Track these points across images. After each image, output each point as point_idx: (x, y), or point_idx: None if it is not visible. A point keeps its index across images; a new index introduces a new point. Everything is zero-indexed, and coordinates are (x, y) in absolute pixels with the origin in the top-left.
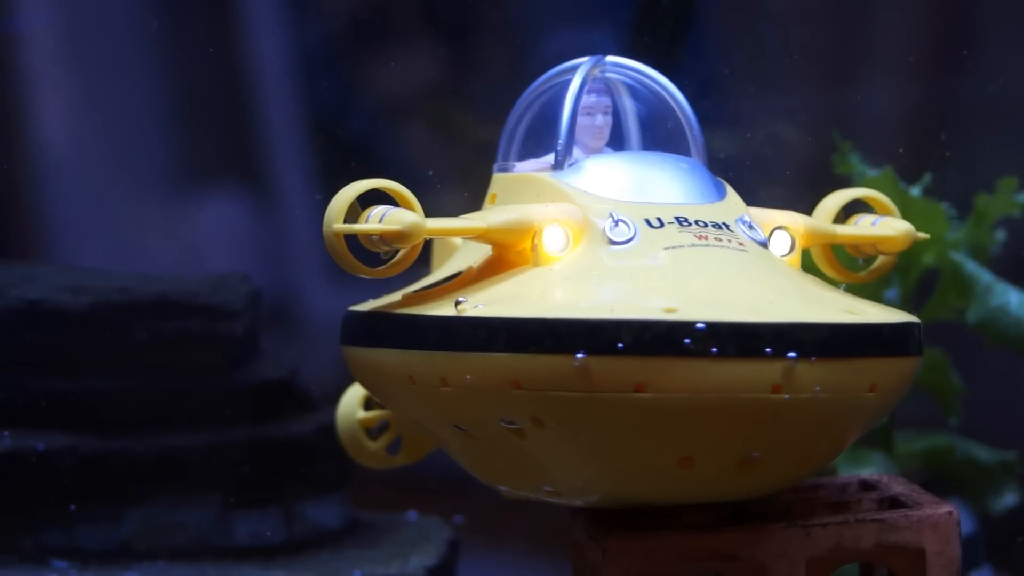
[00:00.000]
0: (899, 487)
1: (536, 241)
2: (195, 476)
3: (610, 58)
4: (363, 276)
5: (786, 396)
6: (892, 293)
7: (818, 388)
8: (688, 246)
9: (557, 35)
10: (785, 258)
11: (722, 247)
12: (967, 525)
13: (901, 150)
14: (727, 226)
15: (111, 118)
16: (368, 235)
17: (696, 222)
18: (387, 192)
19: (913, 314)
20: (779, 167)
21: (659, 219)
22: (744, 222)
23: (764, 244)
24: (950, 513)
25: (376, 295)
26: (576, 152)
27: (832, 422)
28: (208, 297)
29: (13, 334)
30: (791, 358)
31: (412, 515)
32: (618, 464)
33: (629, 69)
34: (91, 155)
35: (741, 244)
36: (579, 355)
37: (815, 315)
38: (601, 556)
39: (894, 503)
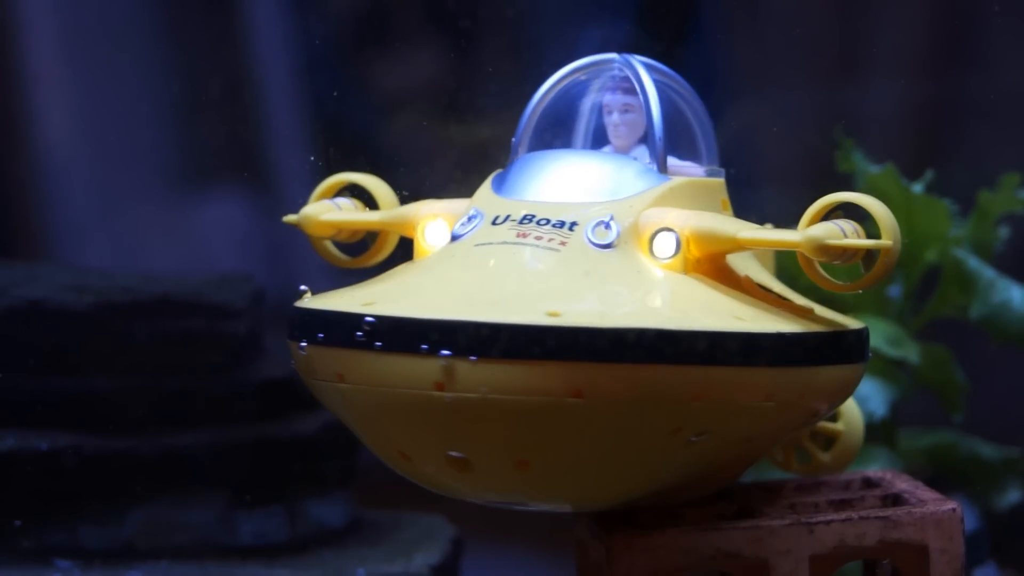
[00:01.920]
0: (903, 484)
1: (417, 235)
2: (198, 475)
3: (626, 56)
4: (344, 266)
5: (448, 395)
6: (895, 290)
7: (484, 389)
8: (498, 243)
9: (560, 33)
10: (668, 260)
11: (531, 246)
12: (971, 522)
13: (903, 147)
14: (571, 225)
15: (114, 118)
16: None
17: (538, 220)
18: (361, 185)
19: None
20: (781, 165)
21: (508, 216)
22: (603, 223)
23: (606, 246)
24: (954, 510)
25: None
26: (605, 150)
27: (578, 429)
28: (211, 296)
29: (16, 334)
30: (445, 355)
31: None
32: (386, 450)
33: (654, 69)
34: (94, 155)
35: (563, 243)
36: (302, 344)
37: (510, 315)
38: (604, 554)
39: (898, 500)
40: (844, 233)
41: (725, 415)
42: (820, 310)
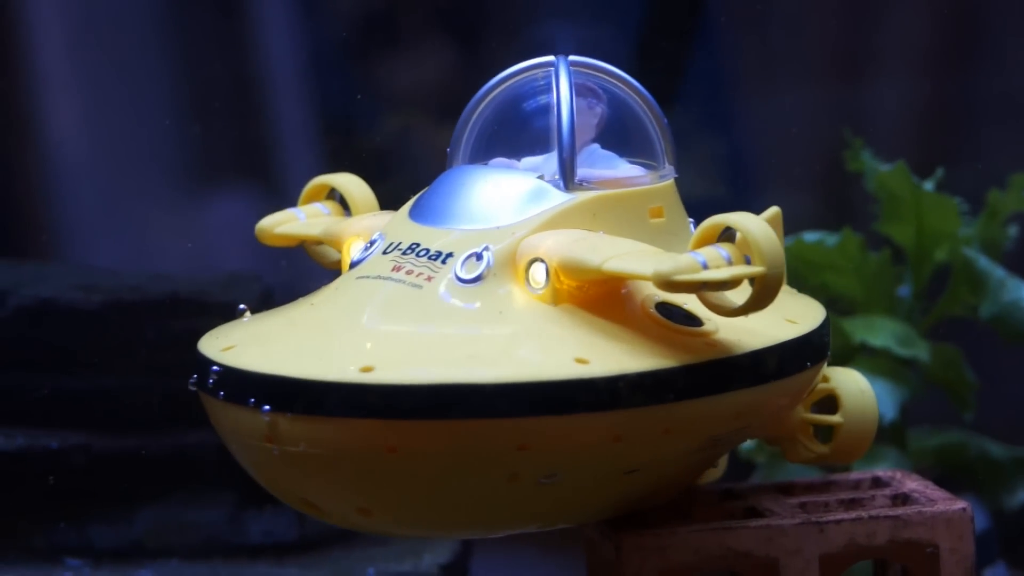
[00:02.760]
0: (912, 483)
1: (343, 254)
2: (208, 474)
3: (572, 58)
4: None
5: (275, 448)
6: (904, 290)
7: (303, 444)
8: (372, 277)
9: (567, 32)
10: (540, 292)
11: (397, 281)
12: (981, 521)
13: (914, 145)
14: (445, 257)
15: (123, 117)
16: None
17: (418, 251)
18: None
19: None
20: (790, 165)
21: (398, 244)
22: (476, 254)
23: (473, 280)
24: (964, 509)
25: None
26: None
27: (402, 482)
28: (219, 296)
29: (26, 333)
30: (265, 410)
31: None
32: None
33: (590, 69)
34: (103, 154)
35: (429, 279)
36: (190, 382)
37: (322, 371)
38: (615, 553)
39: (908, 500)
40: (705, 265)
41: (568, 458)
42: (735, 330)
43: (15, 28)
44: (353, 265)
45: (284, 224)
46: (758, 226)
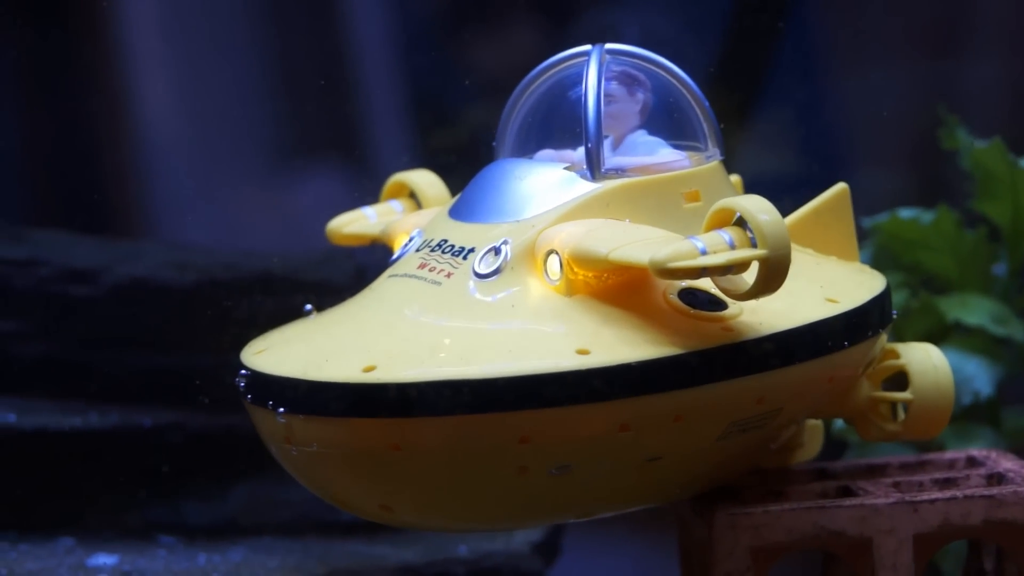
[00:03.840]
0: (1008, 463)
1: (396, 246)
2: None
3: (610, 46)
4: None
5: (293, 449)
6: (1000, 268)
7: (315, 445)
8: (401, 275)
9: (655, 12)
10: (556, 283)
11: (420, 279)
12: None
13: (1010, 122)
14: (467, 252)
15: (215, 95)
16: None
17: (444, 248)
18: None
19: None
20: (885, 142)
21: (430, 240)
22: (495, 248)
23: (490, 275)
24: None
25: None
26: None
27: (412, 478)
28: (312, 273)
29: (119, 311)
30: (282, 412)
31: None
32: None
33: (633, 56)
34: (196, 133)
35: (449, 275)
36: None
37: (329, 372)
38: (708, 532)
39: (1003, 479)
40: (705, 251)
41: (575, 449)
42: (752, 313)
43: (108, 6)
44: (392, 263)
45: (352, 224)
46: (761, 208)
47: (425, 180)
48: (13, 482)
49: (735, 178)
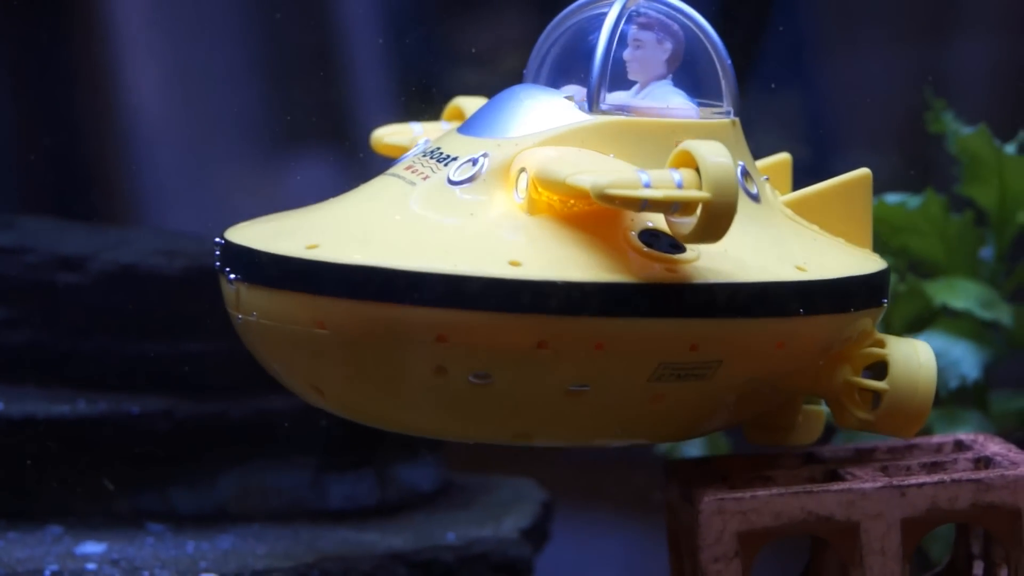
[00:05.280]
0: (995, 447)
1: None
2: (289, 439)
3: None
4: None
5: (239, 316)
6: (987, 253)
7: (255, 314)
8: (389, 174)
9: None
10: (520, 200)
11: (400, 178)
12: None
13: (996, 107)
14: (450, 160)
15: (204, 82)
16: None
17: (435, 154)
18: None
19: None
20: (872, 126)
21: (430, 148)
22: (473, 160)
23: (460, 182)
24: None
25: None
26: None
27: (334, 362)
28: None
29: (107, 298)
30: (232, 278)
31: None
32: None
33: (660, 2)
34: (183, 119)
35: (426, 177)
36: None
37: (276, 245)
38: (695, 517)
39: (990, 463)
40: (649, 184)
41: (492, 359)
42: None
43: None
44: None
45: (394, 135)
46: (712, 152)
47: (473, 104)
48: (0, 470)
49: (784, 156)
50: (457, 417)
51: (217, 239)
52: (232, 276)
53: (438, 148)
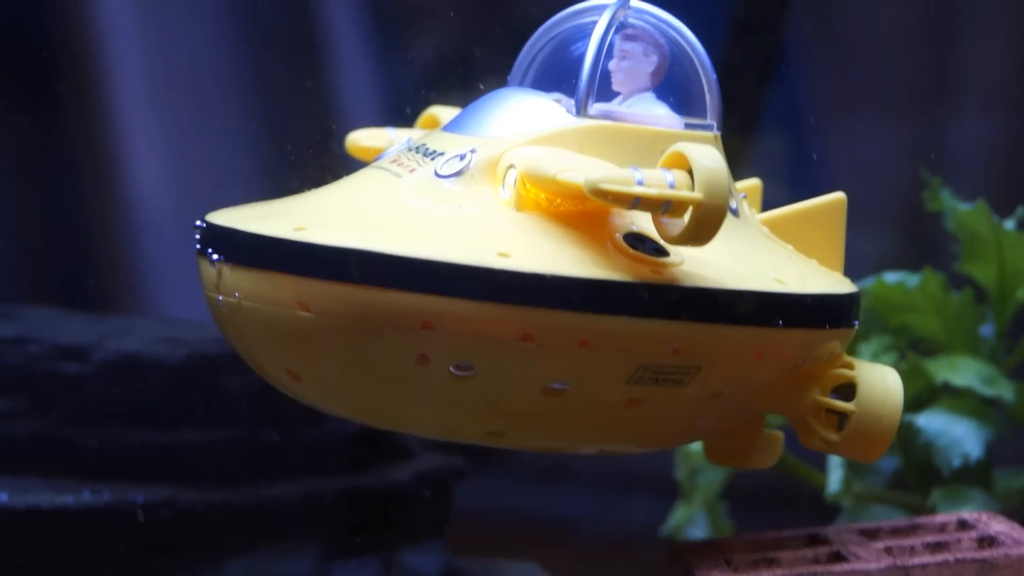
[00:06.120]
0: (999, 525)
1: None
2: (293, 526)
3: (634, 3)
4: None
5: (220, 297)
6: (987, 330)
7: (237, 294)
8: (374, 167)
9: None
10: (508, 198)
11: (386, 171)
12: None
13: (994, 183)
14: (436, 155)
15: (204, 172)
16: None
17: (421, 149)
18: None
19: None
20: (870, 204)
21: (415, 144)
22: (460, 155)
23: (446, 177)
24: None
25: None
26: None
27: (315, 345)
28: None
29: (110, 387)
30: (214, 259)
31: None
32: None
33: (649, 16)
34: (186, 207)
35: (412, 171)
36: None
37: (262, 227)
38: None
39: (994, 542)
40: (642, 183)
41: (476, 349)
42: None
43: (97, 80)
44: (376, 160)
45: (369, 138)
46: (706, 156)
47: (449, 113)
48: (6, 561)
49: (754, 182)
50: (433, 410)
51: (199, 223)
52: (215, 257)
53: (424, 144)
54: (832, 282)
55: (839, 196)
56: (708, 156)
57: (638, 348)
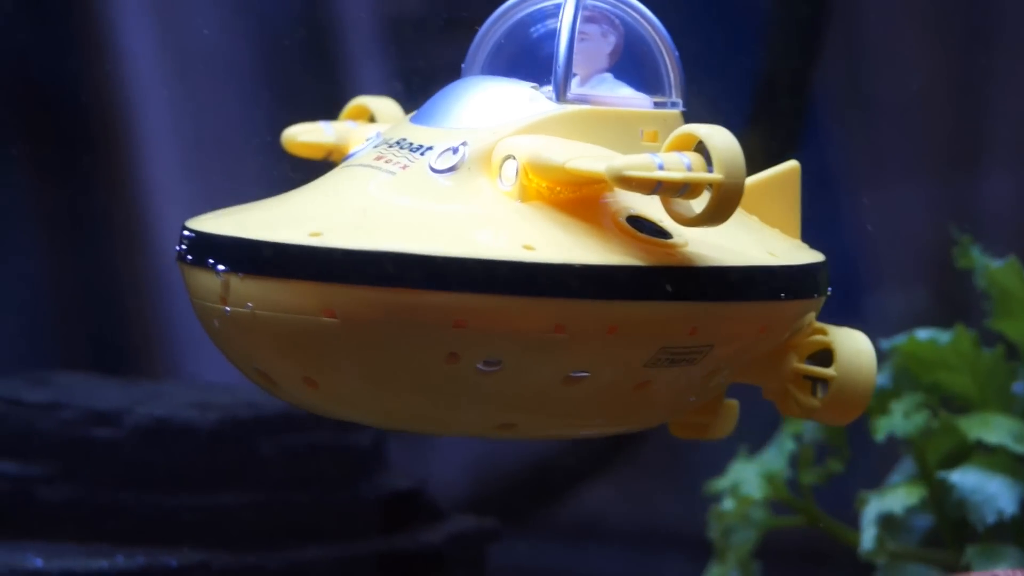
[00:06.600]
0: None
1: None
2: None
3: None
4: None
5: (227, 309)
6: (1020, 387)
7: (250, 304)
8: (356, 165)
9: None
10: (509, 189)
11: (375, 168)
12: None
13: None
14: (425, 150)
15: None
16: None
17: (402, 144)
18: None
19: None
20: (901, 261)
21: (388, 140)
22: (452, 149)
23: (443, 171)
24: None
25: None
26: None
27: (341, 351)
28: None
29: (142, 452)
30: (220, 270)
31: None
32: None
33: None
34: None
35: (404, 167)
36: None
37: (274, 233)
38: None
39: None
40: (662, 166)
41: (508, 344)
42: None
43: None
44: (347, 158)
45: (308, 133)
46: (721, 135)
47: (388, 106)
48: None
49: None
50: (453, 407)
51: (186, 232)
52: (221, 268)
53: (403, 139)
54: (806, 252)
55: (793, 164)
56: (722, 135)
57: (661, 331)
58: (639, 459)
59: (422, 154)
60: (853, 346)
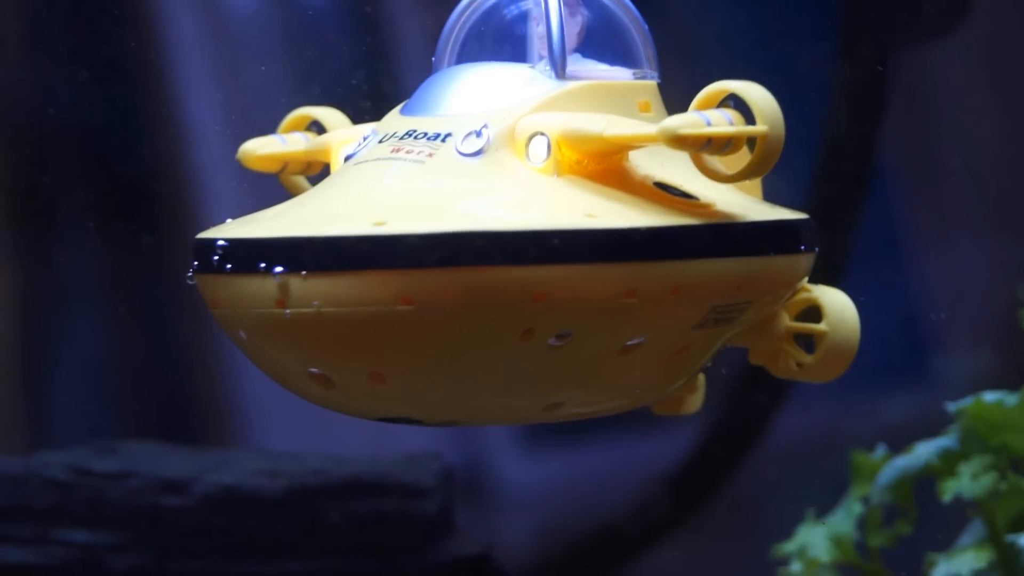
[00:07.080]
0: None
1: (331, 161)
2: None
3: None
4: None
5: (287, 312)
6: None
7: (316, 303)
8: (372, 160)
9: None
10: (541, 164)
11: (399, 160)
12: None
13: None
14: (444, 136)
15: None
16: None
17: (416, 135)
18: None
19: None
20: (966, 323)
21: (394, 133)
22: (475, 132)
23: (474, 154)
24: None
25: None
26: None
27: (416, 339)
28: (400, 476)
29: (210, 520)
30: (278, 272)
31: None
32: (271, 372)
33: None
34: None
35: (431, 155)
36: (188, 274)
37: (335, 228)
38: None
39: None
40: (709, 122)
41: (583, 314)
42: (736, 203)
43: (193, 210)
44: (347, 159)
45: (265, 146)
46: (757, 89)
47: (334, 116)
48: None
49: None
50: (509, 390)
51: (221, 242)
52: (278, 269)
53: (413, 130)
54: (788, 209)
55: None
56: (756, 88)
57: (715, 289)
58: (705, 523)
59: (443, 141)
60: (837, 301)
